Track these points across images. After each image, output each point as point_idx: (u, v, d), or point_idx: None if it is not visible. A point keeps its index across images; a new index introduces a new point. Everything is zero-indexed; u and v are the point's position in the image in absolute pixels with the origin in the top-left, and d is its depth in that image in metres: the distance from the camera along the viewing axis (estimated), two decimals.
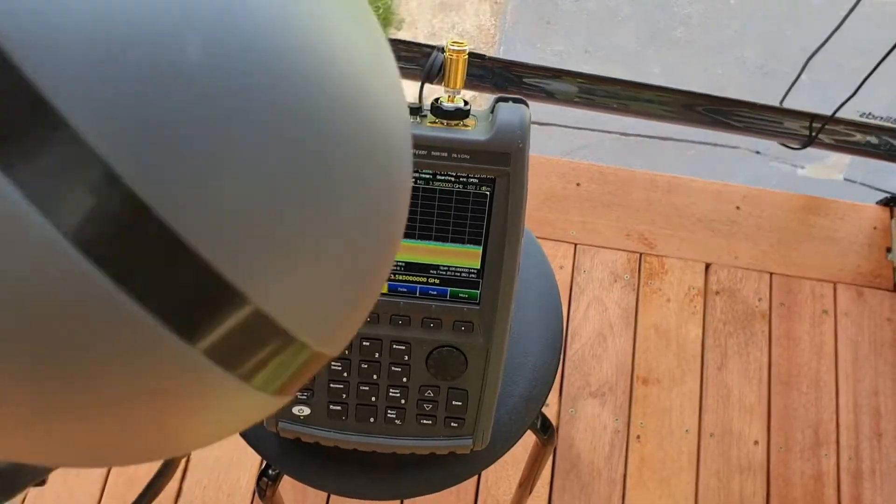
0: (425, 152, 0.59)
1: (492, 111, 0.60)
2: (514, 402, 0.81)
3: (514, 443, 0.80)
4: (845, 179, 1.68)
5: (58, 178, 0.16)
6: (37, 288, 0.16)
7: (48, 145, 0.15)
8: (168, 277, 0.17)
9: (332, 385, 0.69)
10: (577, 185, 1.57)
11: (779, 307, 1.49)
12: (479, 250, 0.63)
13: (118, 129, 0.16)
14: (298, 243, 0.18)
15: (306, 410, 0.71)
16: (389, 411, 0.70)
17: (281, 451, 0.78)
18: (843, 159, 1.60)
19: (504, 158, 0.58)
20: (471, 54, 1.36)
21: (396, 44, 1.41)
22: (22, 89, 0.15)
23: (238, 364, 0.19)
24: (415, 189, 0.61)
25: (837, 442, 1.41)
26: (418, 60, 1.34)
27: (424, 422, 0.71)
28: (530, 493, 1.19)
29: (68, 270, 0.16)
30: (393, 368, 0.68)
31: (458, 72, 0.59)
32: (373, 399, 0.70)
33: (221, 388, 0.19)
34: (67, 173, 0.16)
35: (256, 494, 1.23)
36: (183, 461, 1.31)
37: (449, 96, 0.59)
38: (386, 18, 2.49)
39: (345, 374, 0.69)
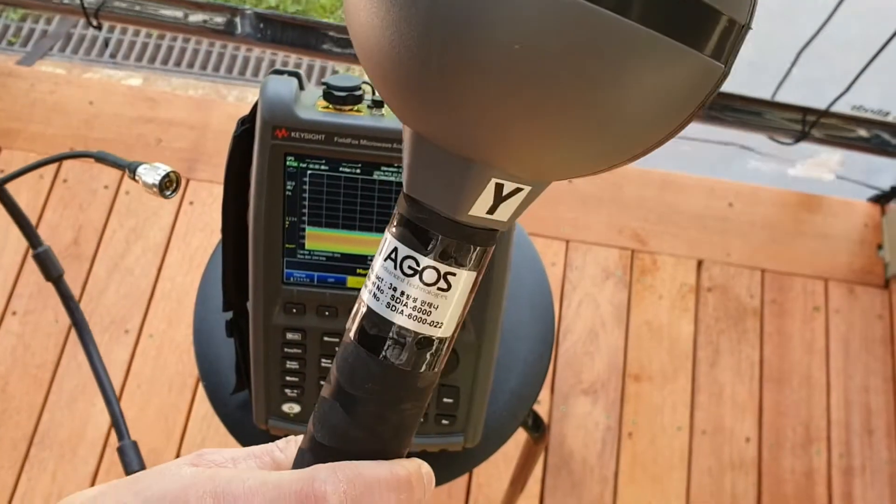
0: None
1: None
2: (505, 400, 0.80)
3: (506, 440, 0.79)
4: (837, 177, 1.68)
5: None
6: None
7: None
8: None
9: (321, 383, 0.69)
10: (569, 180, 1.56)
11: (771, 304, 1.49)
12: None
13: None
14: None
15: (296, 408, 0.70)
16: None
17: None
18: (834, 157, 1.60)
19: None
20: None
21: None
22: None
23: (721, 55, 0.24)
24: None
25: (828, 439, 1.41)
26: None
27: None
28: (522, 490, 1.18)
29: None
30: None
31: None
32: None
33: (699, 67, 0.24)
34: None
35: None
36: (172, 460, 1.30)
37: None
38: None
39: None
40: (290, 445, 0.33)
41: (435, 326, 0.29)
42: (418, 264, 0.28)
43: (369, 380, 0.29)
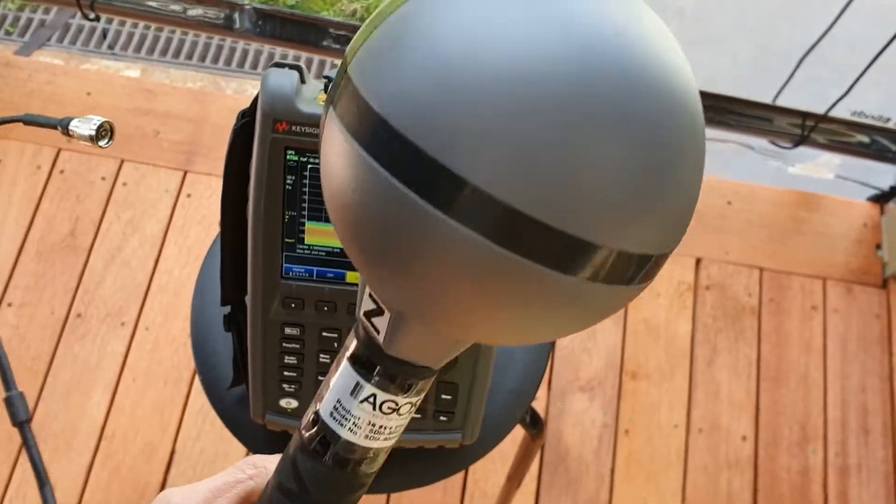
0: None
1: None
2: (503, 397, 0.80)
3: (504, 437, 0.79)
4: (836, 177, 1.68)
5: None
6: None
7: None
8: (544, 243, 0.24)
9: (320, 378, 0.68)
10: None
11: (768, 303, 1.49)
12: None
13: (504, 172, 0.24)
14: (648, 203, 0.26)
15: (294, 403, 0.70)
16: None
17: (267, 444, 0.77)
18: (834, 159, 1.60)
19: None
20: None
21: None
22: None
23: (604, 277, 0.26)
24: None
25: (825, 438, 1.41)
26: None
27: (413, 415, 0.70)
28: (518, 487, 1.18)
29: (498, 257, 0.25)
30: None
31: None
32: None
33: (587, 292, 0.26)
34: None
35: None
36: (167, 453, 1.30)
37: None
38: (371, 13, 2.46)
39: None
40: None
41: (381, 440, 0.34)
42: (364, 390, 0.32)
43: (317, 481, 0.33)
